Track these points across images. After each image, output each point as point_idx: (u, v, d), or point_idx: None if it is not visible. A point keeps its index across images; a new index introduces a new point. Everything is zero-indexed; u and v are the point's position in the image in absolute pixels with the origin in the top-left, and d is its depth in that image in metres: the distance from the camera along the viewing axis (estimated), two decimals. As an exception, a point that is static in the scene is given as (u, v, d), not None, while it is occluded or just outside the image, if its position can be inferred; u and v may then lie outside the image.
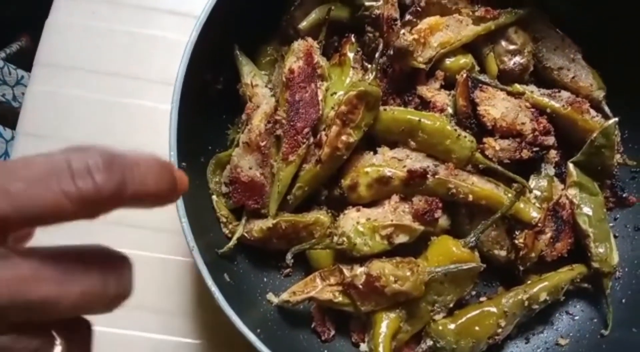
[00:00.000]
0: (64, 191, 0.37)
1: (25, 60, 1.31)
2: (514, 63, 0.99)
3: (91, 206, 0.39)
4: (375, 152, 0.92)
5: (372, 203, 0.91)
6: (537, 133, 0.92)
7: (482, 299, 0.94)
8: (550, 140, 0.93)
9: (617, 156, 0.98)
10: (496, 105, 0.92)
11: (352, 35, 0.96)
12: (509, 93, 0.96)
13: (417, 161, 0.90)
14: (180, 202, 0.79)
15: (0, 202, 0.37)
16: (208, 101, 0.93)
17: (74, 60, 1.13)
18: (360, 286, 0.85)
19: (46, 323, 0.42)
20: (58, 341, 0.43)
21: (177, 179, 0.44)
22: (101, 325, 0.97)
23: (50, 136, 1.09)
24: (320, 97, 0.90)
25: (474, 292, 0.95)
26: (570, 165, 0.98)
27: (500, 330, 0.89)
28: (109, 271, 0.43)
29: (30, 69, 1.15)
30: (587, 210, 0.95)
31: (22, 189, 0.37)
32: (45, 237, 0.45)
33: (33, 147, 1.09)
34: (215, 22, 0.85)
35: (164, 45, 1.14)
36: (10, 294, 0.37)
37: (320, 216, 0.92)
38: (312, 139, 0.90)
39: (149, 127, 1.10)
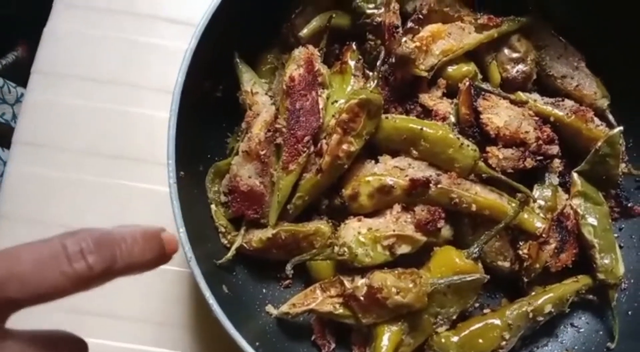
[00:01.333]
0: (63, 272, 0.44)
1: (20, 71, 1.30)
2: (517, 71, 0.98)
3: (86, 283, 0.45)
4: (377, 161, 0.91)
5: (373, 213, 0.90)
6: (540, 142, 0.91)
7: (485, 311, 0.92)
8: (554, 149, 0.92)
9: (622, 165, 0.97)
10: (499, 114, 0.91)
11: (354, 42, 0.95)
12: (512, 101, 0.95)
13: (419, 170, 0.89)
14: (178, 211, 0.77)
15: (12, 285, 0.43)
16: (207, 109, 0.92)
17: (71, 68, 1.12)
18: (362, 298, 0.83)
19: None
20: None
21: (165, 245, 0.51)
22: (97, 337, 0.96)
23: (48, 145, 1.08)
24: (321, 106, 0.89)
25: (477, 304, 0.94)
26: (575, 175, 0.96)
27: (504, 343, 0.87)
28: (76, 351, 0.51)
29: (25, 81, 1.14)
30: (592, 220, 0.94)
31: (28, 273, 0.44)
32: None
33: (30, 155, 1.08)
34: (215, 29, 0.85)
35: (162, 53, 1.13)
36: None
37: (320, 225, 0.91)
38: (312, 148, 0.89)
39: (147, 135, 1.09)
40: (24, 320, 0.47)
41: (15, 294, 0.43)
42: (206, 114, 0.92)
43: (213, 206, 0.93)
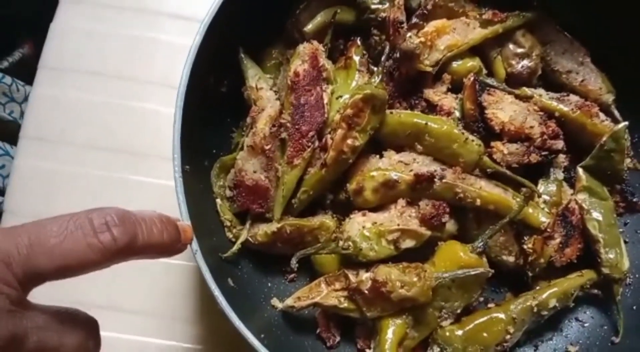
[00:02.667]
0: (89, 244, 0.46)
1: (27, 68, 1.30)
2: (522, 66, 0.98)
3: (110, 256, 0.47)
4: (382, 156, 0.91)
5: (378, 207, 0.90)
6: (545, 137, 0.90)
7: (490, 305, 0.93)
8: (559, 144, 0.92)
9: (627, 161, 0.97)
10: (504, 109, 0.91)
11: (358, 38, 0.95)
12: (517, 97, 0.94)
13: (423, 165, 0.89)
14: (183, 205, 0.78)
15: (39, 257, 0.45)
16: (212, 104, 0.93)
17: (77, 64, 1.13)
18: (366, 292, 0.84)
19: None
20: None
21: (180, 232, 0.55)
22: (103, 330, 0.97)
23: (54, 139, 1.09)
24: (325, 101, 0.90)
25: (481, 298, 0.94)
26: (580, 170, 0.96)
27: (508, 337, 0.87)
28: (90, 329, 0.53)
29: (32, 78, 1.15)
30: (596, 215, 0.94)
31: (55, 244, 0.45)
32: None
33: (37, 150, 1.09)
34: (220, 25, 0.85)
35: (167, 48, 1.14)
36: (35, 340, 0.45)
37: (325, 220, 0.91)
38: (317, 143, 0.89)
39: (152, 130, 1.09)
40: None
41: (42, 265, 0.44)
42: (211, 109, 0.92)
43: (218, 200, 0.93)
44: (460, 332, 0.86)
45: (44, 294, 0.53)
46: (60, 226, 0.46)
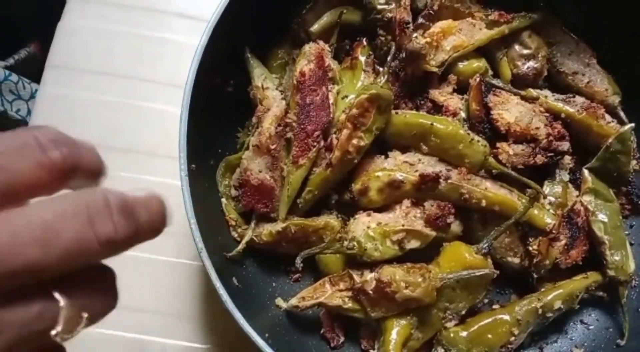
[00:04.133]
0: (38, 161, 0.40)
1: (33, 67, 1.31)
2: (528, 67, 0.98)
3: (58, 175, 0.41)
4: (387, 156, 0.91)
5: (383, 208, 0.90)
6: (551, 138, 0.90)
7: (494, 306, 0.92)
8: (565, 145, 0.92)
9: (633, 162, 0.97)
10: (510, 110, 0.91)
11: (364, 38, 0.95)
12: (523, 98, 0.94)
13: (429, 166, 0.89)
14: (189, 204, 0.78)
15: None
16: (218, 104, 0.93)
17: (84, 63, 1.13)
18: (371, 292, 0.84)
19: (44, 283, 0.40)
20: (62, 302, 0.41)
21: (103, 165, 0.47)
22: (107, 328, 0.97)
23: (61, 138, 1.09)
24: (331, 100, 0.90)
25: (486, 300, 0.94)
26: (585, 172, 0.96)
27: (513, 339, 0.87)
28: (97, 214, 0.41)
29: (38, 77, 1.15)
30: (602, 217, 0.94)
31: (4, 162, 0.40)
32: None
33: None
34: (226, 25, 0.85)
35: (174, 48, 1.14)
36: None
37: (330, 220, 0.91)
38: (322, 143, 0.89)
39: (158, 130, 1.10)
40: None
41: None
42: (217, 109, 0.93)
43: (224, 200, 0.94)
44: (464, 334, 0.86)
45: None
46: (3, 143, 0.41)
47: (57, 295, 0.40)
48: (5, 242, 0.37)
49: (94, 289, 0.43)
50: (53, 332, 0.40)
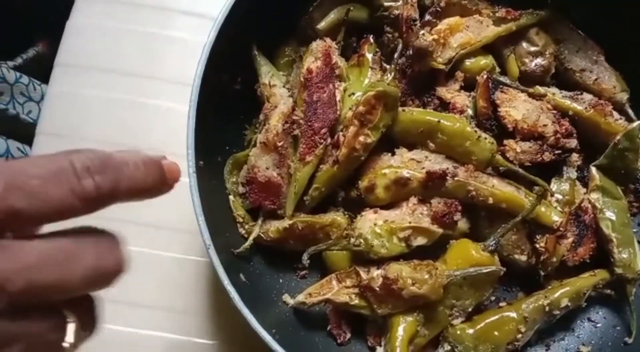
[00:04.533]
0: (72, 189, 0.42)
1: (42, 66, 1.32)
2: (535, 65, 0.98)
3: (92, 203, 0.44)
4: (394, 154, 0.91)
5: (389, 205, 0.90)
6: (559, 135, 0.90)
7: (501, 304, 0.92)
8: (573, 143, 0.91)
9: (641, 160, 0.96)
10: (517, 107, 0.91)
11: (371, 35, 0.96)
12: (530, 95, 0.94)
13: (436, 163, 0.89)
14: (197, 200, 0.79)
15: (17, 197, 0.41)
16: (226, 101, 0.93)
17: (93, 61, 1.14)
18: (377, 289, 0.84)
19: (53, 303, 0.45)
20: (71, 319, 0.46)
21: (166, 173, 0.49)
22: (116, 324, 0.98)
23: (70, 135, 1.10)
24: (338, 98, 0.90)
25: (493, 297, 0.94)
26: (593, 169, 0.96)
27: (520, 336, 0.87)
28: (103, 248, 0.46)
29: (47, 76, 1.16)
30: (610, 214, 0.93)
31: (37, 186, 0.41)
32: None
33: (52, 146, 1.10)
34: (234, 22, 0.85)
35: (181, 45, 1.15)
36: (23, 282, 0.40)
37: (337, 217, 0.91)
38: (329, 140, 0.89)
39: (166, 127, 1.10)
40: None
41: (19, 204, 0.41)
42: (225, 106, 0.93)
43: (231, 197, 0.94)
44: (471, 331, 0.86)
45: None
46: (39, 168, 0.42)
47: (65, 312, 0.45)
48: (33, 263, 0.41)
49: (88, 312, 0.48)
50: (65, 344, 0.45)
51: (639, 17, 0.95)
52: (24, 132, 1.25)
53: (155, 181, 0.48)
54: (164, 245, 1.04)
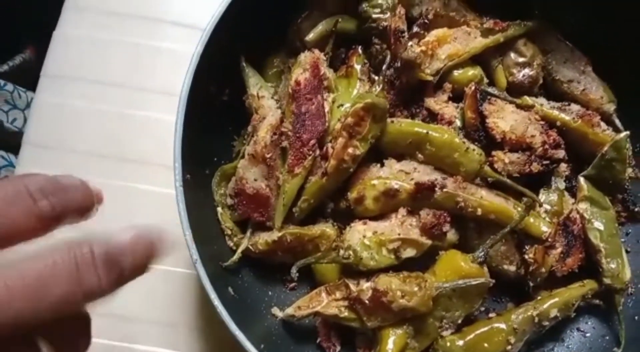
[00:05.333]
0: (30, 210, 0.43)
1: (29, 74, 1.31)
2: (524, 75, 0.98)
3: (48, 222, 0.45)
4: (382, 165, 0.91)
5: (378, 216, 0.90)
6: (547, 146, 0.90)
7: (491, 315, 0.92)
8: (561, 153, 0.92)
9: (629, 170, 0.97)
10: (505, 118, 0.91)
11: (359, 47, 0.95)
12: (518, 106, 0.94)
13: (424, 174, 0.89)
14: (184, 214, 0.78)
15: None
16: (213, 113, 0.93)
17: (80, 72, 1.13)
18: (367, 301, 0.84)
19: (29, 334, 0.43)
20: (44, 350, 0.44)
21: (94, 195, 0.50)
22: (103, 338, 0.97)
23: (56, 146, 1.09)
24: (326, 109, 0.90)
25: (482, 308, 0.93)
26: (581, 179, 0.96)
27: (509, 347, 0.87)
28: (84, 268, 0.43)
29: (33, 84, 1.15)
30: (598, 225, 0.94)
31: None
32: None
33: (39, 157, 1.09)
34: (221, 33, 0.85)
35: (170, 56, 1.14)
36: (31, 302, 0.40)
37: (326, 229, 0.91)
38: (318, 151, 0.89)
39: (154, 138, 1.09)
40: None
41: None
42: (212, 118, 0.92)
43: (219, 209, 0.93)
44: (461, 343, 0.86)
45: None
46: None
47: (40, 342, 0.43)
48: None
49: (72, 334, 0.46)
50: None
51: (626, 28, 0.95)
52: (9, 140, 1.24)
53: (91, 203, 0.50)
54: (151, 257, 1.03)
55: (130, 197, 1.06)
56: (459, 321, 0.87)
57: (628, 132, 0.95)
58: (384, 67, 0.91)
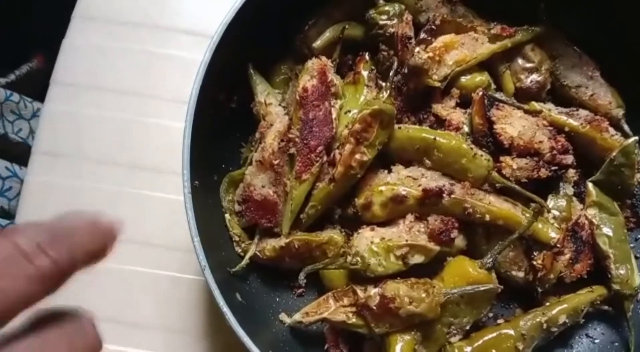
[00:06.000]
0: (27, 276, 0.37)
1: (36, 83, 1.31)
2: (531, 81, 0.98)
3: (54, 280, 0.38)
4: (390, 171, 0.91)
5: (386, 222, 0.90)
6: (555, 152, 0.90)
7: (499, 321, 0.92)
8: (569, 159, 0.92)
9: (638, 176, 0.96)
10: (513, 124, 0.91)
11: (367, 53, 0.96)
12: (526, 111, 0.94)
13: (432, 180, 0.89)
14: (192, 221, 0.78)
15: None
16: (222, 120, 0.93)
17: (89, 80, 1.14)
18: (374, 307, 0.83)
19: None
20: None
21: (109, 234, 0.43)
22: (111, 344, 0.97)
23: (66, 155, 1.10)
24: (334, 116, 0.90)
25: (491, 314, 0.93)
26: (590, 185, 0.96)
27: (518, 353, 0.87)
28: (74, 338, 0.41)
29: (41, 93, 1.16)
30: (607, 230, 0.93)
31: None
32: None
33: (49, 166, 1.10)
34: (229, 41, 0.86)
35: (179, 64, 1.15)
36: None
37: (333, 235, 0.91)
38: (325, 158, 0.89)
39: (164, 146, 1.10)
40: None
41: None
42: (221, 125, 0.93)
43: (227, 215, 0.94)
44: (469, 349, 0.86)
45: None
46: None
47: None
48: None
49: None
50: None
51: (634, 32, 0.95)
52: (14, 151, 1.25)
53: (101, 246, 0.43)
54: (159, 263, 1.03)
55: (139, 204, 1.07)
56: (467, 327, 0.87)
57: (637, 138, 0.94)
58: (391, 73, 0.91)
